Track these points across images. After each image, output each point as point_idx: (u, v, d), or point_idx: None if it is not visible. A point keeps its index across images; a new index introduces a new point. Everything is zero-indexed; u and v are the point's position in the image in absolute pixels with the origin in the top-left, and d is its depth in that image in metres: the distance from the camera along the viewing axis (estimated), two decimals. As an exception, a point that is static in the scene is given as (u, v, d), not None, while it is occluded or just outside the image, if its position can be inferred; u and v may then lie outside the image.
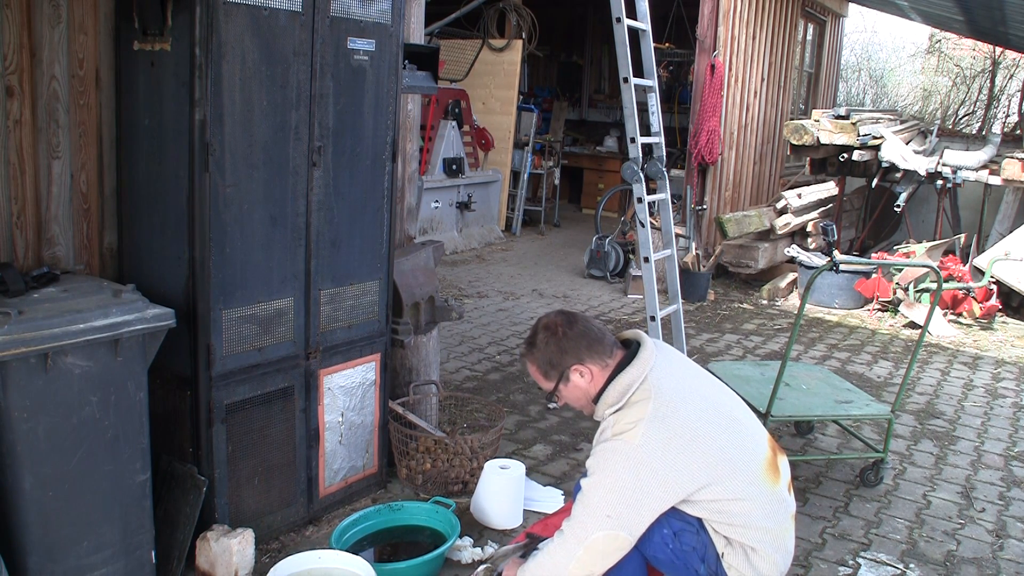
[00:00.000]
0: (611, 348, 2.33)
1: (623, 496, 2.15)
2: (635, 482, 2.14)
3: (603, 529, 2.15)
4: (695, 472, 2.18)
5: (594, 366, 2.30)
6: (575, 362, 2.30)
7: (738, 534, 2.24)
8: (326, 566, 2.59)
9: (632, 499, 2.15)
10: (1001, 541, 3.35)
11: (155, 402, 2.53)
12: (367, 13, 2.90)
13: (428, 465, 3.36)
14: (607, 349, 2.32)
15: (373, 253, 3.13)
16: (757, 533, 2.24)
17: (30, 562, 2.23)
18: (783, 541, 2.29)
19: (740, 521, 2.23)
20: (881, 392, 5.06)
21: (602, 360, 2.30)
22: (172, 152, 2.58)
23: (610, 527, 2.15)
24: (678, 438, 2.17)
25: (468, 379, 4.84)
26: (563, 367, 2.31)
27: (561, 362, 2.31)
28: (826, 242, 3.60)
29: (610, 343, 2.34)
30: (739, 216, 7.71)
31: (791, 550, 2.33)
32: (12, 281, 2.32)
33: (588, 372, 2.31)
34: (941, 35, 15.13)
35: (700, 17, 7.52)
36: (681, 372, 2.34)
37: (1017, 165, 7.03)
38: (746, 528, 2.23)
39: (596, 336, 2.32)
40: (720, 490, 2.21)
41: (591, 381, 2.31)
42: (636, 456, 2.14)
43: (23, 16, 2.50)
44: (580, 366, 2.30)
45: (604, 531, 2.15)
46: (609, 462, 2.17)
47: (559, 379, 2.33)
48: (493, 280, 7.52)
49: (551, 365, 2.33)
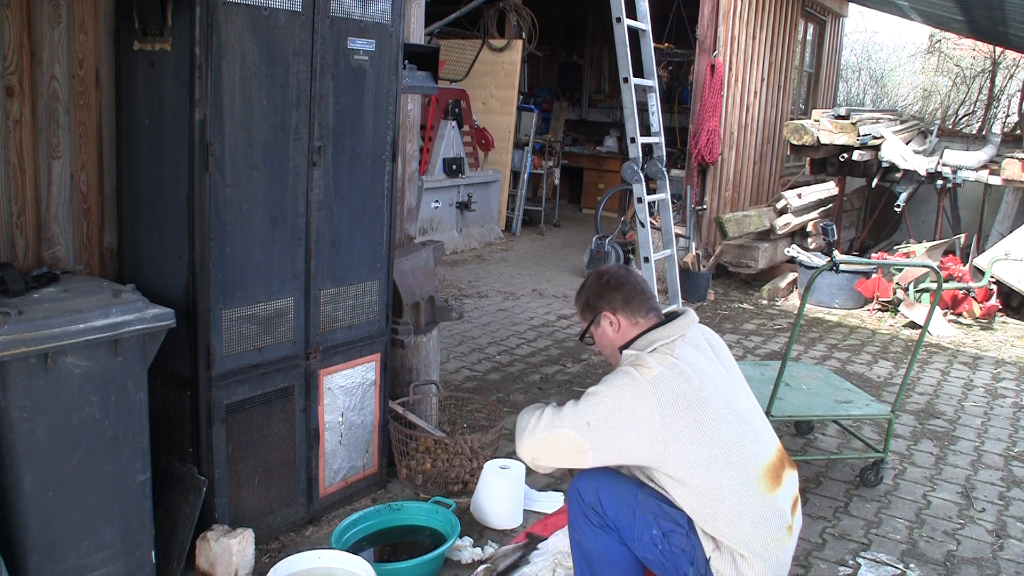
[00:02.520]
0: (647, 311, 2.42)
1: (611, 415, 2.18)
2: (629, 411, 2.17)
3: (574, 429, 2.21)
4: (686, 441, 2.16)
5: (624, 319, 2.41)
6: (608, 308, 2.42)
7: (726, 536, 2.18)
8: (326, 566, 2.59)
9: (617, 423, 2.18)
10: (1001, 541, 3.35)
11: (155, 402, 2.53)
12: (367, 13, 2.90)
13: (428, 465, 3.36)
14: (642, 310, 2.41)
15: (373, 253, 3.13)
16: (745, 537, 2.17)
17: (30, 562, 2.24)
18: (774, 553, 2.20)
19: (727, 521, 2.17)
20: (881, 392, 5.06)
21: (633, 317, 2.41)
22: (172, 152, 2.58)
23: (582, 433, 2.20)
24: (685, 399, 2.18)
25: (468, 379, 4.84)
26: (597, 311, 2.45)
27: (596, 305, 2.45)
28: (826, 242, 3.60)
29: (649, 307, 2.43)
30: (739, 216, 7.71)
31: (785, 564, 2.24)
32: (12, 281, 2.32)
33: (617, 322, 2.42)
34: (941, 35, 15.12)
35: (700, 17, 7.53)
36: (711, 354, 2.36)
37: (1017, 165, 7.03)
38: (734, 529, 2.17)
39: (637, 294, 2.43)
40: (707, 477, 2.16)
41: (618, 331, 2.42)
42: (642, 389, 2.18)
43: (23, 16, 2.50)
44: (611, 315, 2.42)
45: (574, 431, 2.21)
46: (618, 382, 2.23)
47: (592, 321, 2.47)
48: (493, 280, 7.52)
49: (588, 306, 2.48)
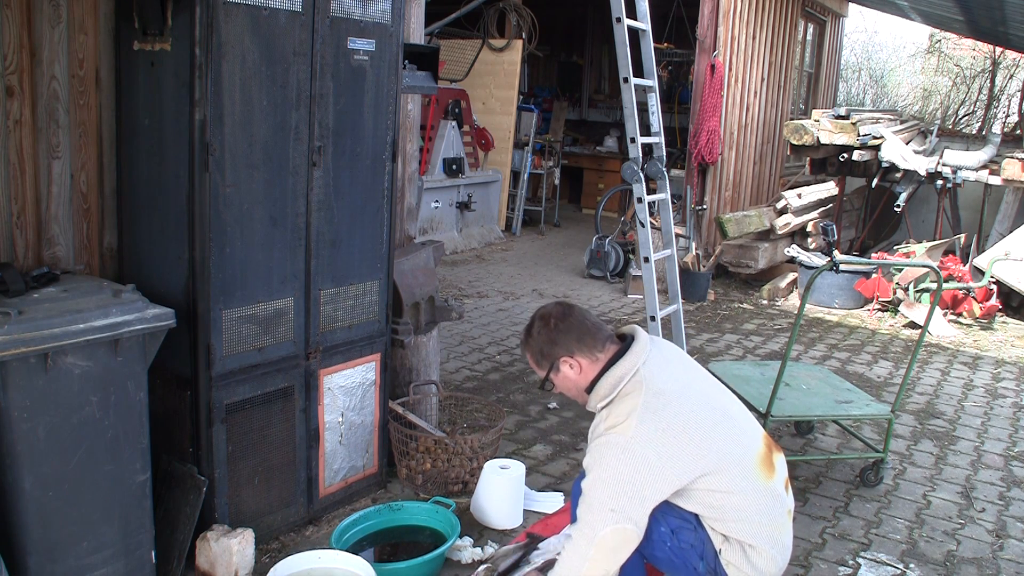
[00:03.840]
0: (603, 342, 2.36)
1: (623, 488, 2.16)
2: (632, 474, 2.16)
3: (609, 524, 2.16)
4: (688, 462, 2.20)
5: (584, 359, 2.34)
6: (565, 354, 2.35)
7: (734, 530, 2.25)
8: (326, 566, 2.59)
9: (632, 490, 2.16)
10: (1001, 541, 3.35)
11: (155, 402, 2.53)
12: (367, 13, 2.90)
13: (428, 465, 3.36)
14: (599, 343, 2.35)
15: (373, 253, 3.13)
16: (753, 528, 2.25)
17: (30, 562, 2.24)
18: (780, 537, 2.30)
19: (735, 516, 2.25)
20: (881, 392, 5.06)
21: (592, 354, 2.34)
22: (172, 152, 2.58)
23: (616, 521, 2.16)
24: (670, 429, 2.19)
25: (468, 379, 4.84)
26: (553, 358, 2.37)
27: (552, 353, 2.36)
28: (826, 242, 3.60)
29: (603, 337, 2.37)
30: (739, 216, 7.71)
31: (789, 546, 2.35)
32: (12, 281, 2.32)
33: (577, 365, 2.35)
34: (941, 35, 15.12)
35: (700, 17, 7.53)
36: (674, 367, 2.36)
37: (1017, 165, 7.03)
38: (741, 523, 2.25)
39: (588, 330, 2.35)
40: (714, 481, 2.22)
41: (580, 373, 2.36)
42: (630, 448, 2.16)
43: (23, 16, 2.50)
44: (569, 358, 2.35)
45: (611, 526, 2.16)
46: (605, 457, 2.19)
47: (550, 368, 2.39)
48: (493, 280, 7.52)
49: (542, 355, 2.39)
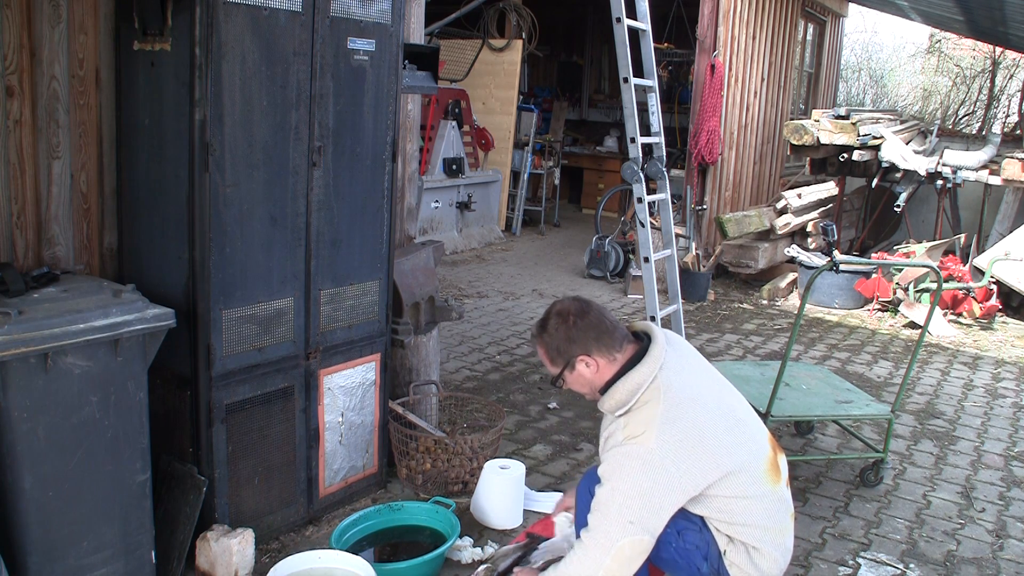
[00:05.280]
0: (621, 342, 2.32)
1: (643, 501, 2.15)
2: (652, 486, 2.15)
3: (628, 535, 2.15)
4: (704, 472, 2.20)
5: (601, 359, 2.30)
6: (582, 352, 2.30)
7: (740, 532, 2.27)
8: (326, 566, 2.59)
9: (651, 503, 2.16)
10: (1001, 541, 3.35)
11: (155, 402, 2.53)
12: (367, 13, 2.90)
13: (428, 465, 3.36)
14: (617, 343, 2.31)
15: (373, 253, 3.13)
16: (759, 532, 2.27)
17: (30, 562, 2.23)
18: (783, 539, 2.32)
19: (742, 519, 2.26)
20: (881, 392, 5.06)
21: (610, 354, 2.30)
22: (172, 152, 2.58)
23: (634, 532, 2.16)
24: (688, 439, 2.18)
25: (468, 379, 4.84)
26: (570, 356, 2.31)
27: (568, 351, 2.31)
28: (826, 242, 3.60)
29: (621, 336, 2.33)
30: (739, 216, 7.71)
31: (790, 548, 2.37)
32: (12, 281, 2.32)
33: (595, 364, 2.30)
34: (941, 35, 15.11)
35: (700, 17, 7.52)
36: (690, 370, 2.35)
37: (1017, 165, 7.03)
38: (748, 527, 2.26)
39: (607, 328, 2.31)
40: (724, 487, 2.23)
41: (596, 373, 2.31)
42: (651, 460, 2.15)
43: (23, 16, 2.50)
44: (587, 357, 2.30)
45: (629, 537, 2.15)
46: (625, 468, 2.17)
47: (565, 366, 2.34)
48: (493, 280, 7.52)
49: (558, 352, 2.33)
